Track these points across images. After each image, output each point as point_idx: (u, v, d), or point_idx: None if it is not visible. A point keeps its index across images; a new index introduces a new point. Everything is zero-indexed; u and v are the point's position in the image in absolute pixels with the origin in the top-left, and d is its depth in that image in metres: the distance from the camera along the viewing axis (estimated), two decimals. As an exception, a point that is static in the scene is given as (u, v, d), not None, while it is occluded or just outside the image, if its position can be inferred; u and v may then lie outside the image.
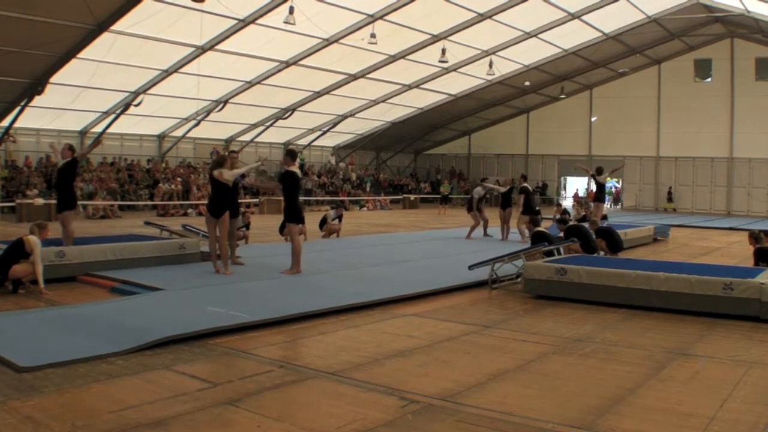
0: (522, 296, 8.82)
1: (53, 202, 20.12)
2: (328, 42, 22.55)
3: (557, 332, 6.77)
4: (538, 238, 10.86)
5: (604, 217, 15.56)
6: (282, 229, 14.79)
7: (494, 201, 22.35)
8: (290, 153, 10.05)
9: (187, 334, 6.07)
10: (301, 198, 28.89)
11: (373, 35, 21.04)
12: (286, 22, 18.63)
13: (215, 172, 9.82)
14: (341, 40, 22.54)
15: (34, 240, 8.16)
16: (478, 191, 17.05)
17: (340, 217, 16.31)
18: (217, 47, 20.93)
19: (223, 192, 9.80)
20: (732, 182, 32.17)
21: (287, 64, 23.62)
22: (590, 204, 26.61)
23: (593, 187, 19.29)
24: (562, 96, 34.31)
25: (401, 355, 5.81)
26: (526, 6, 22.57)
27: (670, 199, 33.48)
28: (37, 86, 18.64)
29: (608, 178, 18.76)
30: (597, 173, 16.94)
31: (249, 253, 11.83)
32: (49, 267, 8.57)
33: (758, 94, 30.39)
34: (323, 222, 16.17)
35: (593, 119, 35.68)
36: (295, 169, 9.82)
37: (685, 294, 7.58)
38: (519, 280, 9.48)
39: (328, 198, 30.60)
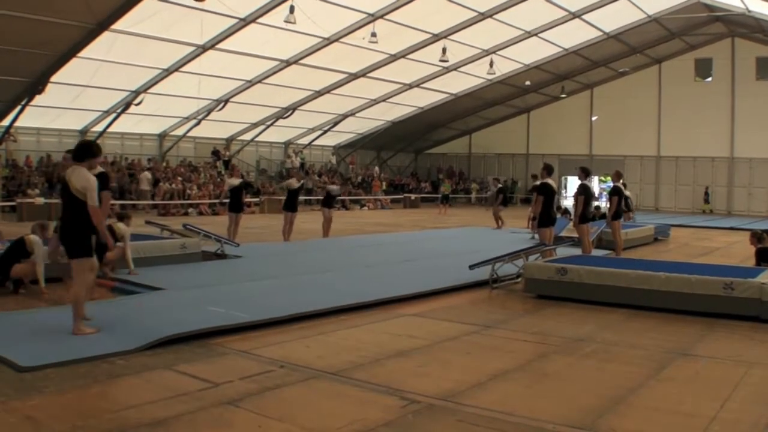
0: (522, 296, 8.81)
1: (54, 201, 20.22)
2: (328, 41, 22.54)
3: (558, 332, 6.77)
4: None
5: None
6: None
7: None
8: (88, 148, 6.43)
9: (188, 333, 6.07)
10: (301, 198, 29.01)
11: (373, 34, 21.04)
12: (286, 21, 18.64)
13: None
14: (342, 39, 22.53)
15: (35, 239, 8.17)
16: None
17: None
18: (218, 46, 20.92)
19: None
20: (733, 182, 32.15)
21: (288, 63, 23.62)
22: (591, 203, 26.60)
23: (594, 187, 19.28)
24: (563, 95, 34.28)
25: (402, 355, 5.81)
26: (526, 5, 22.55)
27: (707, 200, 32.45)
28: (37, 85, 18.61)
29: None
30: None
31: (250, 253, 11.83)
32: (50, 267, 8.56)
33: (759, 93, 30.33)
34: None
35: (594, 119, 35.65)
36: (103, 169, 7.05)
37: (686, 294, 7.57)
38: (519, 279, 9.48)
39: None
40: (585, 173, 12.12)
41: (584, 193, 11.83)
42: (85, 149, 6.33)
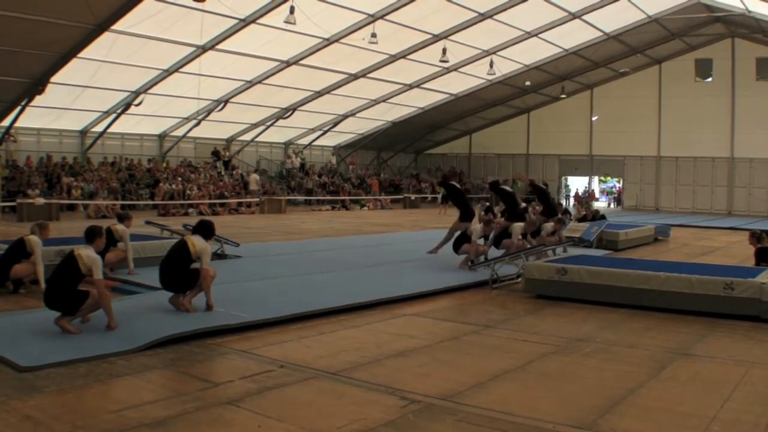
0: (522, 296, 8.81)
1: (54, 201, 20.25)
2: (328, 42, 22.55)
3: (558, 332, 6.77)
4: None
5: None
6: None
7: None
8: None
9: (188, 333, 6.07)
10: (302, 197, 28.89)
11: (373, 35, 21.04)
12: (286, 22, 18.64)
13: None
14: (342, 40, 22.53)
15: (35, 240, 8.16)
16: None
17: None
18: (218, 47, 20.93)
19: None
20: (733, 182, 32.14)
21: (288, 64, 23.62)
22: (591, 203, 26.63)
23: (594, 187, 19.25)
24: (563, 96, 34.27)
25: (402, 355, 5.81)
26: (526, 5, 22.55)
27: None
28: (37, 86, 18.62)
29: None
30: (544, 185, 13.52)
31: (250, 253, 11.82)
32: (50, 267, 8.54)
33: (759, 93, 30.32)
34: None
35: (594, 119, 35.65)
36: None
37: (686, 294, 7.57)
38: (519, 279, 9.48)
39: (328, 198, 30.60)
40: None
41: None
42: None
